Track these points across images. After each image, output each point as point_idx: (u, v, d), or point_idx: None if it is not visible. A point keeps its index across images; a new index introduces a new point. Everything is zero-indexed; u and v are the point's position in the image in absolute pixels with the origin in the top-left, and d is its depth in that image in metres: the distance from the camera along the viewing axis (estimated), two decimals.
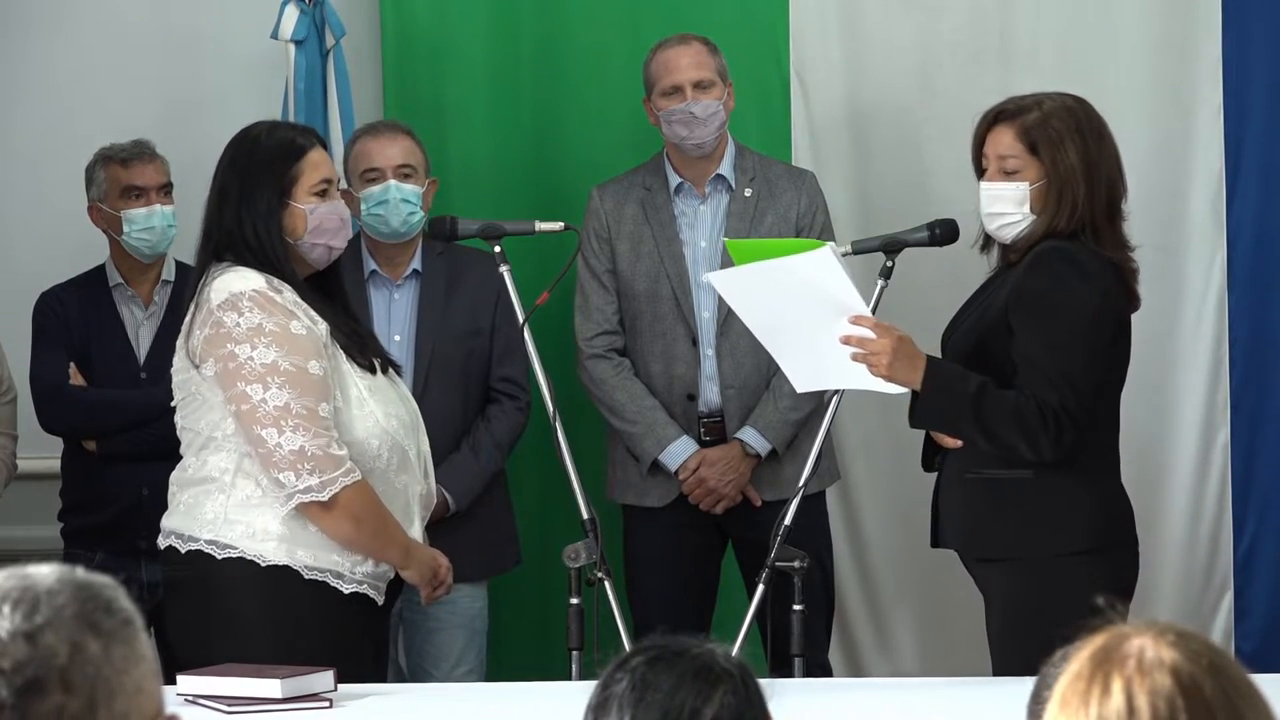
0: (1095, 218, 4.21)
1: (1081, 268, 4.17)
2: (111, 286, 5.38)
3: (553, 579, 4.97)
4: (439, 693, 4.57)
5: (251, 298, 4.10)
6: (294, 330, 4.11)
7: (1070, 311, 4.16)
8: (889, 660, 5.75)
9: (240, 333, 4.09)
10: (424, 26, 5.76)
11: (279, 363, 4.07)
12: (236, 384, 4.08)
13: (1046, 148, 4.24)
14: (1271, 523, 5.65)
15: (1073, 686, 1.79)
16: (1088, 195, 4.21)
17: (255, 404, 4.06)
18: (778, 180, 5.37)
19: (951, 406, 4.16)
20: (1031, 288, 4.18)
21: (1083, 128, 4.24)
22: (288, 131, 4.35)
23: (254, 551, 4.11)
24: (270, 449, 4.06)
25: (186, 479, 4.21)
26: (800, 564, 4.37)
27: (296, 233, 4.21)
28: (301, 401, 4.07)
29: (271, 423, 4.06)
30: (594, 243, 5.35)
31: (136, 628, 1.78)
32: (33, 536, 5.40)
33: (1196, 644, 1.80)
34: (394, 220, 5.18)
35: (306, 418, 4.06)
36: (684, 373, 5.31)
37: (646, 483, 5.33)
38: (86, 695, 1.72)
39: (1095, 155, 4.23)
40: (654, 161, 5.42)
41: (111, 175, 5.33)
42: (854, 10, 5.72)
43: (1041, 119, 4.25)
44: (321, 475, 4.07)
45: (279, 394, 4.06)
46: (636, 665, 2.07)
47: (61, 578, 1.77)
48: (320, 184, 4.24)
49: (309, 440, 4.06)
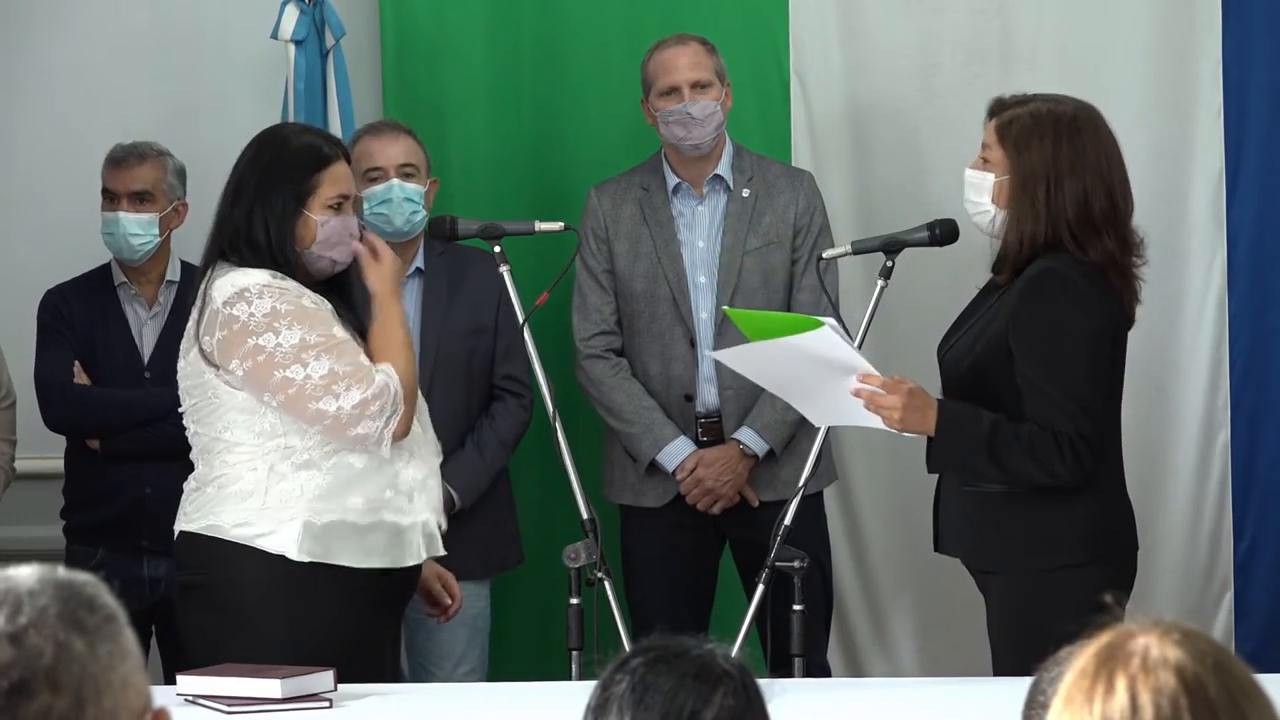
0: (1071, 224, 4.19)
1: (1075, 290, 4.17)
2: (116, 285, 5.39)
3: (553, 579, 4.97)
4: (438, 692, 4.58)
5: (257, 288, 4.11)
6: (307, 305, 4.13)
7: (1069, 336, 4.16)
8: (888, 660, 5.75)
9: (257, 323, 4.09)
10: (424, 26, 5.76)
11: (306, 338, 4.09)
12: (274, 373, 4.09)
13: (1011, 145, 4.23)
14: (1271, 523, 5.64)
15: (1077, 684, 1.79)
16: (1050, 198, 4.19)
17: (299, 383, 4.08)
18: (775, 181, 5.37)
19: (967, 449, 4.19)
20: (1029, 314, 4.18)
21: (1061, 131, 4.21)
22: (316, 138, 4.34)
23: (276, 550, 4.11)
24: (335, 415, 4.09)
25: (202, 483, 4.20)
26: (800, 564, 4.37)
27: (304, 242, 4.20)
28: (341, 361, 4.11)
29: (325, 391, 4.08)
30: (592, 243, 5.35)
31: (120, 623, 1.78)
32: (34, 536, 5.40)
33: (1201, 643, 1.79)
34: (397, 219, 5.18)
35: (352, 371, 4.10)
36: (682, 373, 5.31)
37: (644, 483, 5.33)
38: (74, 694, 1.72)
39: (1068, 160, 4.19)
40: (652, 162, 5.42)
41: (103, 175, 5.34)
42: (854, 11, 5.72)
43: (1019, 116, 4.25)
44: (390, 405, 4.12)
45: (319, 364, 4.09)
46: (636, 666, 2.07)
47: (42, 578, 1.77)
48: (337, 198, 4.23)
49: (362, 392, 4.09)
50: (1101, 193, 4.21)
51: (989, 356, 4.23)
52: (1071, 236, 4.19)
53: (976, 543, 4.29)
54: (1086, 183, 4.20)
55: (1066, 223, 4.18)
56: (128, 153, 5.35)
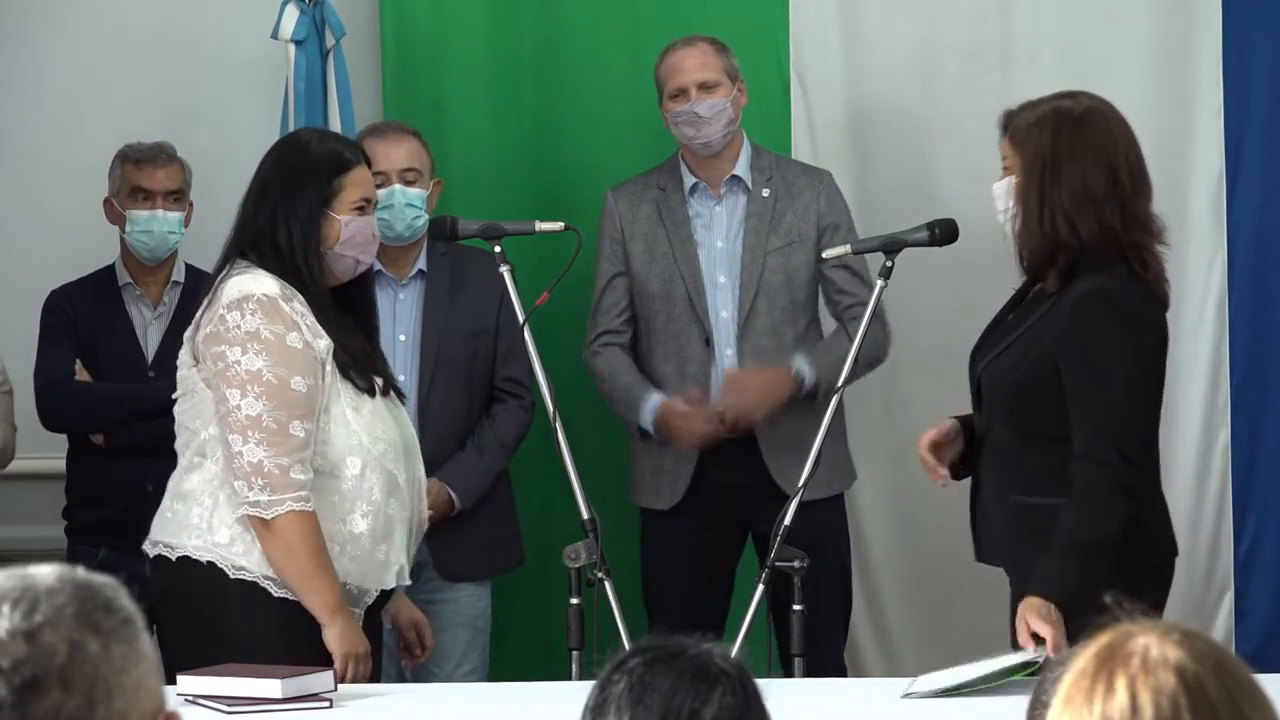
0: (1067, 206, 4.14)
1: (1123, 315, 4.14)
2: (120, 286, 5.41)
3: (553, 579, 4.97)
4: (438, 692, 4.58)
5: (259, 301, 4.11)
6: (290, 342, 4.11)
7: (1118, 362, 4.13)
8: (889, 660, 5.75)
9: (236, 335, 4.10)
10: (424, 26, 5.76)
11: (263, 372, 4.08)
12: (221, 386, 4.10)
13: (1018, 144, 4.22)
14: (1271, 523, 5.64)
15: (1077, 684, 1.79)
16: (1046, 184, 4.15)
17: (231, 408, 4.08)
18: (795, 180, 5.36)
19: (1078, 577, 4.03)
20: (1078, 342, 4.14)
21: (1063, 123, 4.19)
22: (337, 144, 4.38)
23: (237, 561, 4.12)
24: (233, 454, 4.08)
25: (178, 483, 4.23)
26: (800, 564, 4.37)
27: (329, 241, 4.23)
28: (274, 415, 4.07)
29: (240, 430, 4.07)
30: (608, 244, 5.35)
31: (137, 626, 1.79)
32: (36, 536, 5.41)
33: (1202, 643, 1.80)
34: (398, 225, 5.18)
35: (275, 433, 4.06)
36: (696, 373, 5.29)
37: (657, 485, 5.32)
38: (85, 694, 1.73)
39: (1066, 146, 4.16)
40: (669, 163, 5.42)
41: (125, 174, 5.36)
42: (854, 11, 5.72)
43: (1025, 118, 4.24)
44: (270, 494, 4.06)
45: (254, 404, 4.07)
46: (634, 666, 2.07)
47: (61, 577, 1.78)
48: (360, 201, 4.27)
49: (269, 456, 4.06)
50: (1103, 173, 4.16)
51: (1036, 376, 4.18)
52: (1066, 220, 4.15)
53: (1022, 555, 4.24)
54: (1085, 166, 4.16)
55: (1061, 206, 4.16)
56: (157, 151, 5.37)
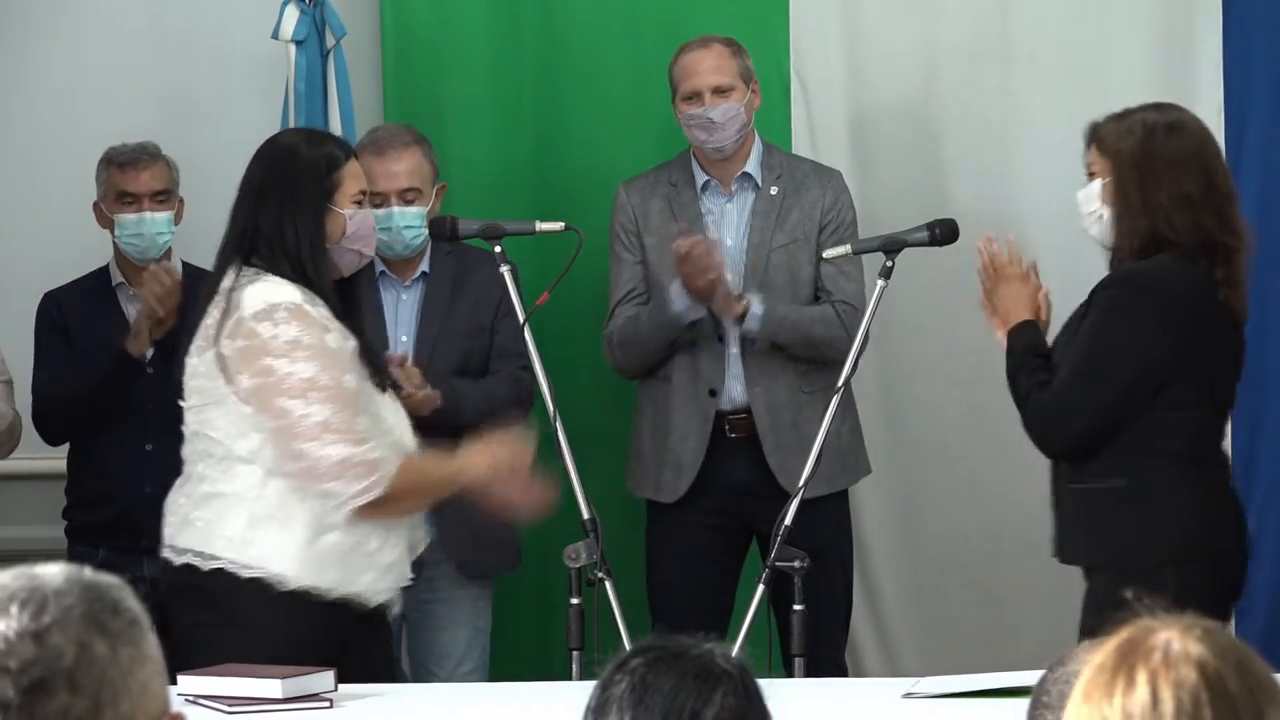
0: (1167, 206, 4.25)
1: (1140, 305, 4.25)
2: (114, 286, 5.40)
3: (553, 579, 4.97)
4: (438, 692, 4.58)
5: (289, 309, 4.11)
6: (330, 344, 4.14)
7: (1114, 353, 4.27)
8: (889, 660, 5.75)
9: (277, 346, 4.09)
10: (424, 26, 5.76)
11: (318, 377, 4.09)
12: (276, 400, 4.10)
13: (1109, 148, 4.33)
14: (1271, 523, 5.64)
15: (1096, 678, 1.79)
16: (1145, 186, 4.26)
17: (297, 418, 4.09)
18: (804, 178, 5.35)
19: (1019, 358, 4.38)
20: (1093, 315, 4.29)
21: (1153, 128, 4.30)
22: (325, 140, 4.42)
23: (276, 572, 4.13)
24: (314, 461, 4.09)
25: (204, 493, 4.21)
26: (800, 564, 4.37)
27: (334, 237, 4.24)
28: (340, 415, 4.10)
29: (314, 437, 4.08)
30: (623, 236, 5.33)
31: (143, 628, 1.79)
32: (35, 536, 5.41)
33: (1223, 639, 1.79)
34: (396, 245, 5.14)
35: (345, 429, 4.10)
36: (707, 368, 5.28)
37: (660, 478, 5.30)
38: (92, 696, 1.73)
39: (1159, 149, 4.27)
40: (680, 159, 5.41)
41: (110, 178, 5.35)
42: (854, 11, 5.72)
43: (1113, 125, 4.34)
44: (367, 478, 4.10)
45: (320, 409, 4.08)
46: (635, 667, 2.07)
47: (69, 578, 1.77)
48: (358, 194, 4.28)
49: (349, 448, 4.09)
50: (1197, 174, 4.27)
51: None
52: (1167, 220, 4.24)
53: (1071, 540, 4.32)
54: (1180, 170, 4.27)
55: (1162, 207, 4.24)
56: (139, 154, 5.36)
